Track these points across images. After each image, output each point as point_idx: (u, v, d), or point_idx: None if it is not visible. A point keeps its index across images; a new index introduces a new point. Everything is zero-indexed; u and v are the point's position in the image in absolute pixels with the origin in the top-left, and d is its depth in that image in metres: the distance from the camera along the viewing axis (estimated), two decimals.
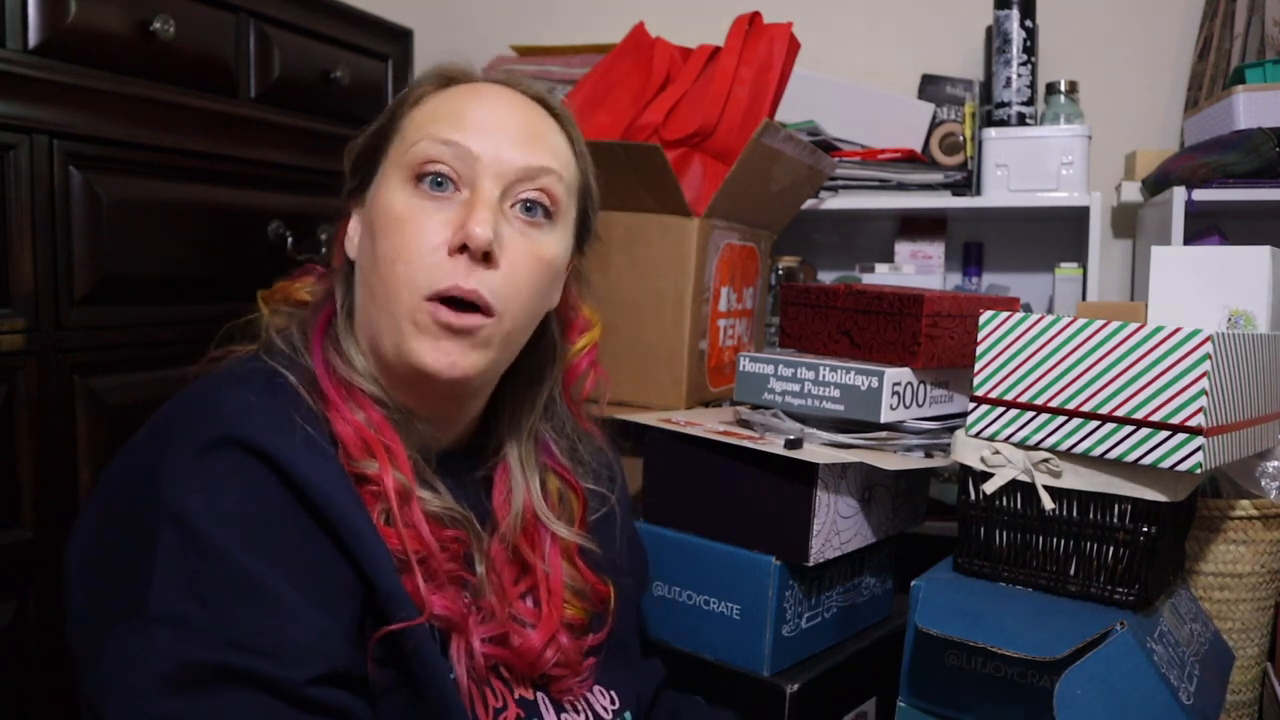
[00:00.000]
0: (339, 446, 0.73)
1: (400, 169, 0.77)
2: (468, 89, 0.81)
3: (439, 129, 0.77)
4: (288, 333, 0.79)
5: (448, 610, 0.73)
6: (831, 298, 1.17)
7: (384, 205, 0.76)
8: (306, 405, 0.72)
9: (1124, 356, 0.85)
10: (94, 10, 1.17)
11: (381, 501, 0.72)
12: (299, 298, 0.84)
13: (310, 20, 1.53)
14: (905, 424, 1.09)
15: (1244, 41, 1.73)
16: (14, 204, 1.10)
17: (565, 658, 0.81)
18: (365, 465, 0.73)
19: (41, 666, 1.15)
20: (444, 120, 0.77)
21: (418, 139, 0.77)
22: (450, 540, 0.76)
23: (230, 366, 0.76)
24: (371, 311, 0.77)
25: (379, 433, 0.75)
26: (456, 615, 0.73)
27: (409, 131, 0.78)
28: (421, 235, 0.74)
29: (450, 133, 0.76)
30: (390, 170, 0.78)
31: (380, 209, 0.77)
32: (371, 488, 0.73)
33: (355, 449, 0.73)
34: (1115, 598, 0.89)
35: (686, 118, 1.43)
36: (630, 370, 1.31)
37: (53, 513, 1.15)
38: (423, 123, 0.78)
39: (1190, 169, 1.53)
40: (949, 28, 1.96)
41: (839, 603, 1.14)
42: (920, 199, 1.77)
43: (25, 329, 1.12)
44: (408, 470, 0.74)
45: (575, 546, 0.87)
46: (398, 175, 0.77)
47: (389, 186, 0.77)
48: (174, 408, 0.70)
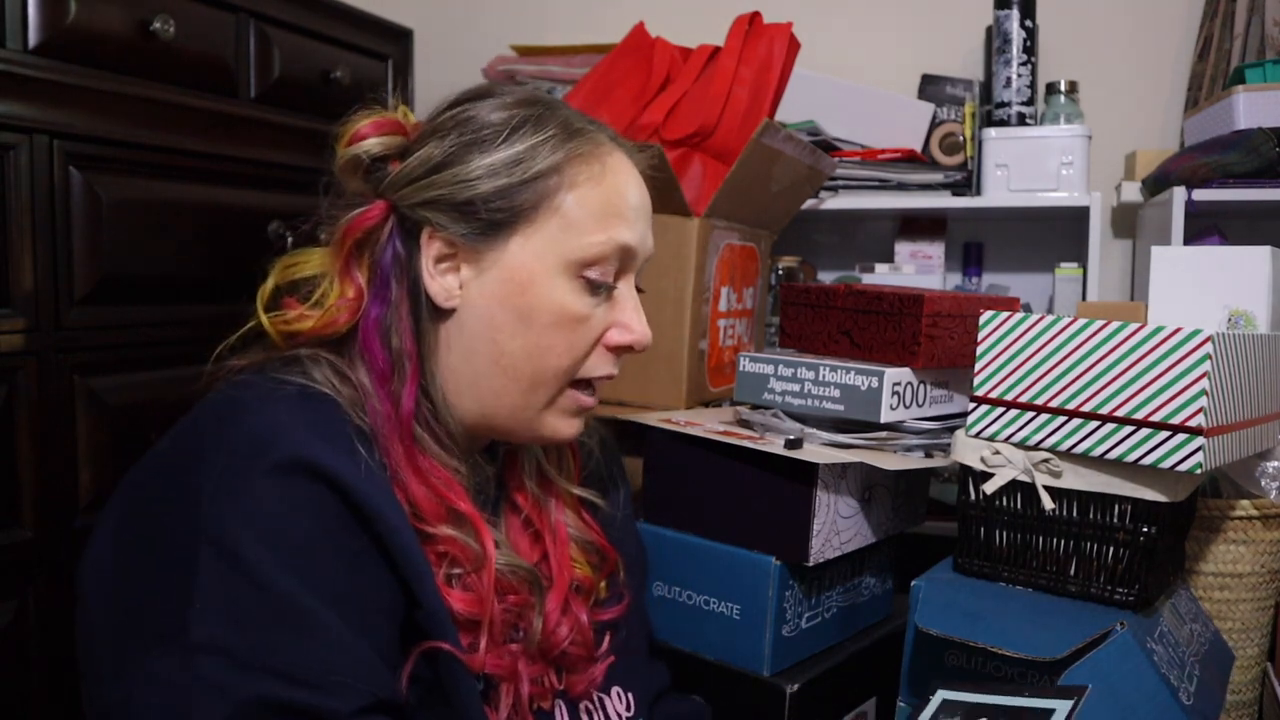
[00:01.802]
0: (412, 506, 0.71)
1: (565, 259, 0.76)
2: (618, 173, 0.79)
3: (614, 228, 0.77)
4: (322, 365, 0.74)
5: (499, 668, 0.74)
6: (831, 298, 1.17)
7: (552, 299, 0.75)
8: (363, 435, 0.70)
9: (1124, 357, 0.85)
10: (94, 10, 1.18)
11: (448, 563, 0.72)
12: (314, 332, 0.77)
13: (310, 20, 1.53)
14: (905, 424, 1.09)
15: (1244, 41, 1.73)
16: (14, 204, 1.10)
17: (582, 636, 0.81)
18: (438, 529, 0.72)
19: (41, 666, 1.15)
20: (613, 217, 0.77)
21: (594, 237, 0.76)
22: (511, 602, 0.77)
23: (261, 383, 0.71)
24: (498, 380, 0.76)
25: (454, 495, 0.74)
26: (507, 670, 0.74)
27: (574, 216, 0.76)
28: (590, 336, 0.78)
29: (624, 235, 0.78)
30: (545, 249, 0.75)
31: (543, 299, 0.75)
32: (439, 548, 0.72)
33: (431, 513, 0.72)
34: (1115, 598, 0.89)
35: (686, 118, 1.43)
36: (630, 370, 1.30)
37: (53, 513, 1.15)
38: (594, 214, 0.77)
39: (1190, 169, 1.53)
40: (949, 28, 1.96)
41: (839, 603, 1.14)
42: (920, 199, 1.77)
43: (25, 329, 1.12)
44: (489, 539, 0.74)
45: (577, 499, 0.89)
46: (559, 263, 0.75)
47: (549, 275, 0.75)
48: (208, 424, 0.68)
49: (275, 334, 0.76)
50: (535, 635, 0.78)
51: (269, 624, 0.61)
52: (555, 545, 0.84)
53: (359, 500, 0.65)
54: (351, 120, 0.79)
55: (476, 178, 0.74)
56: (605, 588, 0.88)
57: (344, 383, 0.73)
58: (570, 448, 0.91)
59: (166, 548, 0.64)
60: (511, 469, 0.86)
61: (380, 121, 0.78)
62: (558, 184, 0.76)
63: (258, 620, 0.61)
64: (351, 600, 0.64)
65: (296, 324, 0.76)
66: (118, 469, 1.20)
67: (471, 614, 0.72)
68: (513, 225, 0.75)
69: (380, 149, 0.77)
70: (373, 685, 0.63)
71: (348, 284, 0.76)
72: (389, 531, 0.66)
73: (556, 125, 0.77)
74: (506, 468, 0.86)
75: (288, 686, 0.60)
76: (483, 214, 0.75)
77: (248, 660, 0.60)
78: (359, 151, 0.77)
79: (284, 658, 0.60)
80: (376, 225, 0.76)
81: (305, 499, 0.64)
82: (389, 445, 0.72)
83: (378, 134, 0.78)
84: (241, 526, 0.62)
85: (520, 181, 0.75)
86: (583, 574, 0.85)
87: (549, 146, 0.76)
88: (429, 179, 0.75)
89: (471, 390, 0.77)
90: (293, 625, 0.61)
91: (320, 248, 0.79)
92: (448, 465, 0.75)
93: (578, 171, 0.76)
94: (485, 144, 0.75)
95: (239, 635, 0.60)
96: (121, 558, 0.66)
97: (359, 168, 0.78)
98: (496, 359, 0.76)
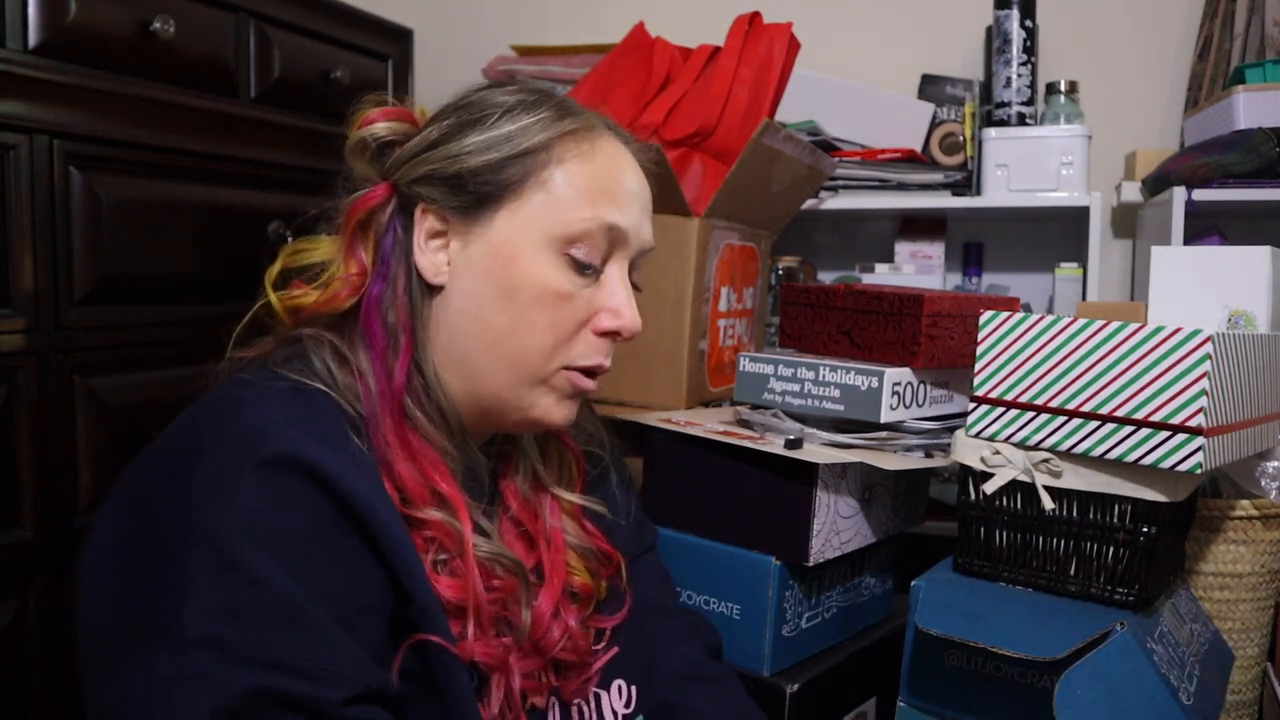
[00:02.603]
0: (399, 489, 0.72)
1: (549, 234, 0.76)
2: (611, 156, 0.80)
3: (600, 207, 0.77)
4: (324, 348, 0.76)
5: (488, 657, 0.74)
6: (831, 298, 1.17)
7: (535, 273, 0.76)
8: (355, 426, 0.71)
9: (1124, 357, 0.85)
10: (94, 10, 1.18)
11: (435, 549, 0.73)
12: (316, 307, 0.78)
13: (310, 20, 1.53)
14: (905, 424, 1.09)
15: (1244, 41, 1.73)
16: (14, 204, 1.10)
17: (573, 643, 0.81)
18: (425, 512, 0.73)
19: (41, 666, 1.15)
20: (601, 195, 0.77)
21: (579, 213, 0.76)
22: (497, 589, 0.76)
23: (258, 380, 0.72)
24: (483, 357, 0.77)
25: (440, 475, 0.74)
26: (497, 660, 0.74)
27: (560, 192, 0.76)
28: (575, 315, 0.77)
29: (611, 214, 0.77)
30: (530, 224, 0.76)
31: (526, 273, 0.76)
32: (427, 533, 0.73)
33: (416, 495, 0.73)
34: (1115, 598, 0.89)
35: (686, 118, 1.43)
36: (630, 370, 1.31)
37: (53, 513, 1.15)
38: (580, 190, 0.77)
39: (1190, 169, 1.53)
40: (949, 28, 1.96)
41: (839, 603, 1.14)
42: (920, 199, 1.77)
43: (25, 329, 1.12)
44: (467, 521, 0.74)
45: (579, 508, 0.88)
46: (544, 238, 0.76)
47: (533, 250, 0.76)
48: (205, 422, 0.69)
49: (281, 310, 0.78)
50: (525, 628, 0.77)
51: (261, 619, 0.61)
52: (550, 551, 0.83)
53: (349, 497, 0.66)
54: (363, 105, 0.81)
55: (467, 152, 0.76)
56: (605, 588, 0.88)
57: (341, 366, 0.75)
58: (574, 456, 0.91)
59: (162, 545, 0.64)
60: (504, 467, 0.86)
61: (390, 110, 0.81)
62: (545, 159, 0.77)
63: (250, 615, 0.61)
64: (341, 595, 0.65)
65: (301, 299, 0.78)
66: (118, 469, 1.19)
67: (459, 600, 0.72)
68: (499, 199, 0.76)
69: (388, 133, 0.80)
70: (364, 676, 0.64)
71: (351, 262, 0.78)
72: (379, 527, 0.67)
73: (551, 107, 0.79)
74: (500, 465, 0.86)
75: (280, 678, 0.60)
76: (470, 187, 0.76)
77: (240, 654, 0.60)
78: (366, 135, 0.79)
79: (276, 651, 0.61)
80: (379, 206, 0.78)
81: (295, 496, 0.65)
82: (381, 425, 0.73)
83: (386, 119, 0.80)
84: (233, 523, 0.62)
85: (509, 156, 0.76)
86: (581, 581, 0.85)
87: (540, 125, 0.77)
88: (424, 155, 0.78)
89: (460, 368, 0.78)
90: (284, 619, 0.62)
91: (329, 236, 0.81)
92: (437, 445, 0.76)
93: (567, 148, 0.77)
94: (480, 123, 0.78)
95: (231, 630, 0.61)
96: (119, 555, 0.66)
97: (366, 150, 0.80)
98: (481, 335, 0.76)
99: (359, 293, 0.77)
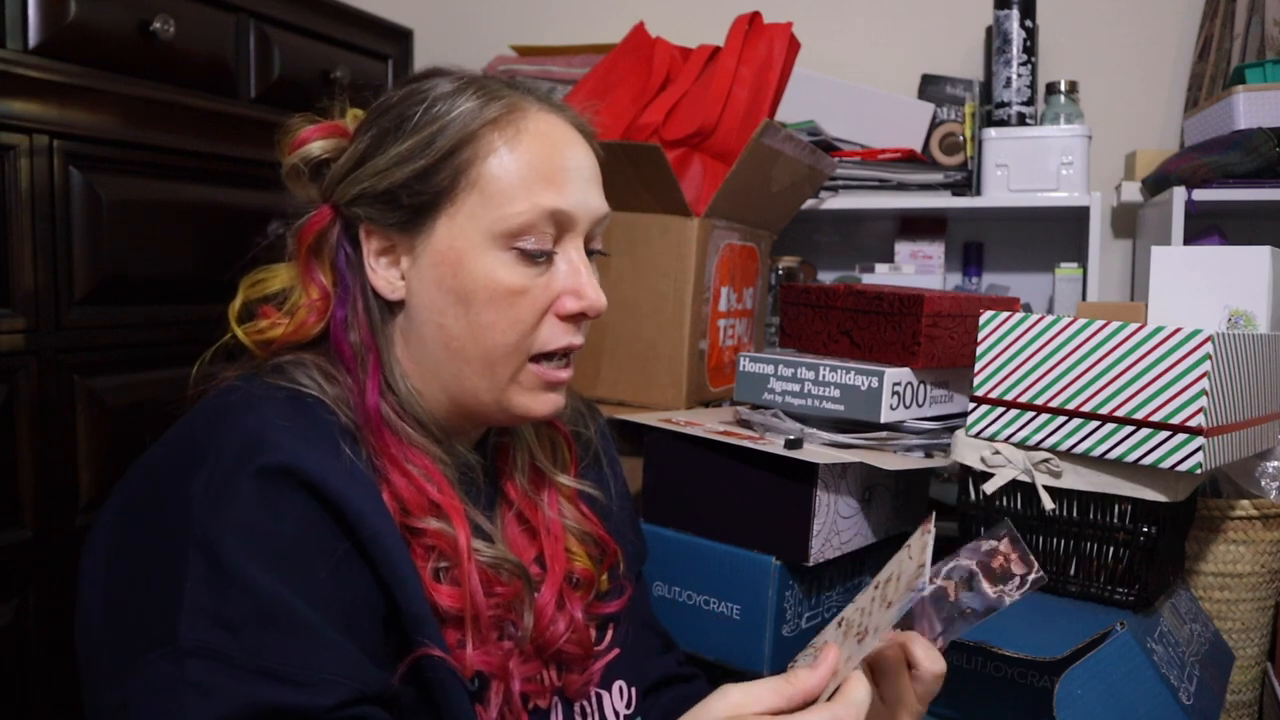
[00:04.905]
0: (397, 500, 0.72)
1: (491, 233, 0.73)
2: (542, 135, 0.76)
3: (538, 194, 0.74)
4: (309, 366, 0.75)
5: (487, 665, 0.73)
6: (831, 298, 1.17)
7: (484, 275, 0.73)
8: (350, 434, 0.71)
9: (1124, 357, 0.85)
10: (94, 10, 1.18)
11: (435, 557, 0.72)
12: (287, 338, 0.78)
13: (310, 20, 1.53)
14: (905, 424, 1.09)
15: (1244, 41, 1.73)
16: (14, 204, 1.10)
17: (578, 634, 0.81)
18: (423, 521, 0.72)
19: (41, 667, 1.15)
20: (537, 182, 0.74)
21: (516, 206, 0.73)
22: (499, 594, 0.76)
23: (255, 387, 0.72)
24: (454, 364, 0.76)
25: (435, 484, 0.74)
26: (496, 667, 0.74)
27: (494, 187, 0.73)
28: (533, 307, 0.75)
29: (551, 199, 0.74)
30: (469, 226, 0.74)
31: (476, 277, 0.74)
32: (427, 541, 0.72)
33: (413, 504, 0.72)
34: (1115, 598, 0.89)
35: (686, 118, 1.43)
36: (630, 370, 1.31)
37: (53, 513, 1.15)
38: (513, 181, 0.73)
39: (1190, 169, 1.53)
40: (949, 28, 1.96)
41: (839, 603, 1.14)
42: (920, 199, 1.77)
43: (25, 329, 1.12)
44: (463, 528, 0.74)
45: (575, 492, 0.88)
46: (486, 237, 0.74)
47: (478, 251, 0.74)
48: (203, 428, 0.69)
49: (251, 344, 0.78)
50: (527, 632, 0.77)
51: (255, 625, 0.61)
52: (550, 540, 0.83)
53: (341, 505, 0.66)
54: (293, 126, 0.79)
55: (392, 166, 0.74)
56: (606, 580, 0.88)
57: (330, 381, 0.74)
58: (565, 439, 0.90)
59: (159, 551, 0.64)
60: (502, 462, 0.86)
61: (323, 126, 0.79)
62: (471, 156, 0.74)
63: (244, 622, 0.61)
64: (334, 601, 0.65)
65: (269, 332, 0.77)
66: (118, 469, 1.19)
67: (459, 609, 0.72)
68: (436, 207, 0.74)
69: (322, 152, 0.78)
70: (356, 680, 0.64)
71: (312, 287, 0.77)
72: (371, 536, 0.67)
73: (471, 96, 0.76)
74: (498, 460, 0.86)
75: (276, 687, 0.61)
76: (404, 201, 0.74)
77: (236, 662, 0.60)
78: (297, 160, 0.78)
79: (271, 657, 0.61)
80: (325, 228, 0.77)
81: (289, 503, 0.65)
82: (373, 439, 0.73)
83: (321, 136, 0.79)
84: (227, 530, 0.62)
85: (433, 162, 0.73)
86: (582, 567, 0.85)
87: (460, 120, 0.74)
88: (354, 174, 0.76)
89: (435, 379, 0.77)
90: (278, 625, 0.62)
91: (285, 263, 0.80)
92: (428, 453, 0.76)
93: (492, 139, 0.74)
94: (398, 130, 0.75)
95: (227, 637, 0.61)
96: (117, 560, 0.66)
97: (300, 175, 0.79)
98: (446, 344, 0.76)
99: (325, 316, 0.77)
